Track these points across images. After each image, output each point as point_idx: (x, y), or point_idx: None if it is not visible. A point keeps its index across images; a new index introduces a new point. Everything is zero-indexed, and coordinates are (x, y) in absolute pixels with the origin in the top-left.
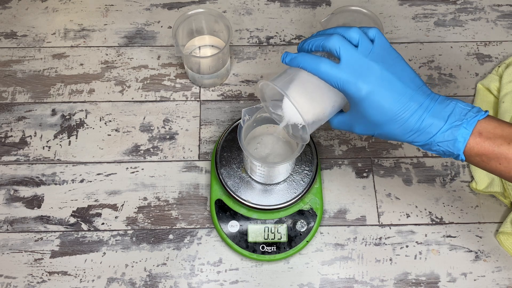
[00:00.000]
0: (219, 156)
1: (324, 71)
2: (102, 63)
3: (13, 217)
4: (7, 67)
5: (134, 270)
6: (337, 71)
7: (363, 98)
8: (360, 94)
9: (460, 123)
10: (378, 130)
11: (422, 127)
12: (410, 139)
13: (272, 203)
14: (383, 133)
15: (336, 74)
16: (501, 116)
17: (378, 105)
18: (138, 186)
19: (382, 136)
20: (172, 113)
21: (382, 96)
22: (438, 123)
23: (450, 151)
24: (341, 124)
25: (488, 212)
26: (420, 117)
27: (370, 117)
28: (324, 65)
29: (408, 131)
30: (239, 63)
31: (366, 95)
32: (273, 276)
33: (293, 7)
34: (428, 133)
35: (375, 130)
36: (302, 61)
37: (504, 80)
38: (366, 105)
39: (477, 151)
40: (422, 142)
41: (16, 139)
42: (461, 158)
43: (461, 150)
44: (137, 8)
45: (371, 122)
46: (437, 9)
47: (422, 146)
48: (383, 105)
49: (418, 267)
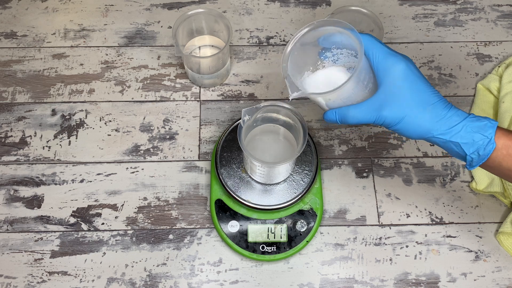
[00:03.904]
0: (219, 156)
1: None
2: (102, 63)
3: (13, 217)
4: (7, 67)
5: (134, 270)
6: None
7: (403, 69)
8: (400, 65)
9: (483, 118)
10: (409, 110)
11: (449, 114)
12: (437, 125)
13: (272, 203)
14: (413, 115)
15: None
16: (501, 116)
17: (414, 78)
18: (138, 186)
19: (409, 122)
20: (172, 113)
21: (416, 72)
22: (463, 112)
23: (482, 134)
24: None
25: (488, 212)
26: (447, 104)
27: (406, 90)
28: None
29: (437, 114)
30: (239, 63)
31: (405, 66)
32: (273, 276)
33: (293, 7)
34: (455, 119)
35: (406, 109)
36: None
37: (504, 80)
38: (405, 76)
39: (504, 141)
40: (448, 127)
41: (16, 139)
42: (492, 144)
43: (493, 134)
44: (137, 8)
45: (405, 99)
46: (437, 9)
47: (448, 133)
48: (418, 81)
49: (418, 267)
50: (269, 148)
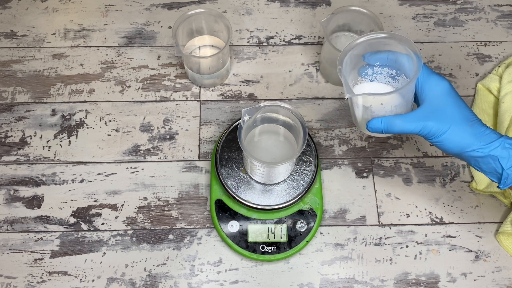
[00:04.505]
0: (219, 156)
1: None
2: (102, 63)
3: (13, 217)
4: (7, 67)
5: (134, 270)
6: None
7: (445, 86)
8: (444, 82)
9: None
10: (453, 122)
11: (488, 132)
12: (477, 140)
13: (272, 203)
14: (456, 128)
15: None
16: (501, 116)
17: (455, 96)
18: (138, 186)
19: (453, 133)
20: (172, 113)
21: (455, 91)
22: (498, 132)
23: None
24: (414, 117)
25: (488, 212)
26: (482, 123)
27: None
28: None
29: (475, 132)
30: (239, 63)
31: (448, 84)
32: (273, 276)
33: (293, 7)
34: (493, 136)
35: (450, 121)
36: None
37: (504, 80)
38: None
39: None
40: (487, 142)
41: (16, 139)
42: None
43: None
44: (137, 8)
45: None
46: (437, 9)
47: (487, 146)
48: (458, 98)
49: (418, 267)
50: (269, 148)
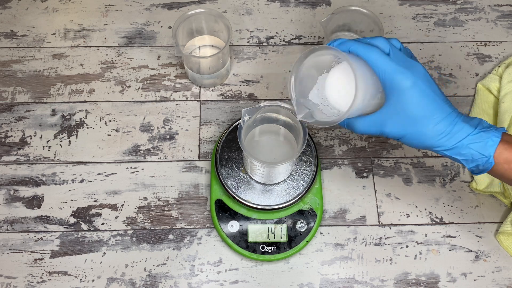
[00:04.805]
0: (219, 156)
1: (376, 56)
2: (102, 63)
3: (13, 217)
4: (7, 67)
5: (134, 270)
6: (388, 59)
7: (408, 88)
8: (406, 83)
9: (489, 129)
10: (411, 128)
11: (454, 130)
12: (439, 143)
13: (272, 203)
14: (415, 133)
15: (386, 61)
16: (501, 116)
17: (419, 98)
18: (138, 186)
19: (412, 138)
20: (172, 113)
21: (424, 90)
22: (469, 128)
23: (481, 153)
24: (371, 123)
25: (488, 212)
26: (452, 121)
27: (409, 110)
28: (375, 51)
29: (440, 132)
30: (239, 63)
31: (411, 85)
32: (273, 276)
33: (293, 7)
34: (459, 136)
35: (408, 128)
36: (353, 45)
37: (504, 80)
38: (409, 95)
39: (506, 157)
40: (450, 145)
41: (16, 139)
42: (491, 162)
43: (492, 153)
44: (137, 8)
45: (408, 117)
46: (437, 9)
47: (449, 150)
48: (423, 100)
49: (418, 267)
50: (269, 148)
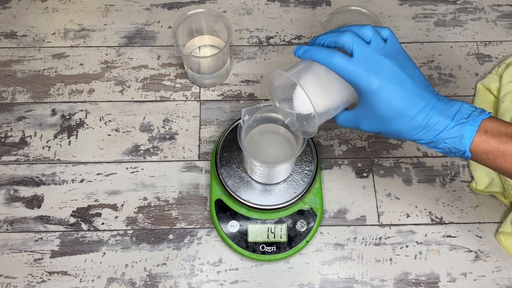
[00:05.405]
0: (219, 156)
1: (338, 63)
2: (102, 63)
3: (13, 217)
4: (7, 67)
5: (134, 270)
6: (350, 64)
7: (374, 92)
8: (371, 87)
9: (466, 120)
10: (385, 127)
11: (429, 124)
12: (416, 137)
13: (272, 203)
14: (390, 130)
15: (349, 67)
16: (501, 116)
17: (388, 99)
18: (138, 186)
19: (388, 134)
20: (172, 113)
21: (392, 91)
22: (445, 120)
23: (456, 147)
24: (348, 120)
25: (488, 212)
26: (427, 115)
27: (379, 112)
28: (337, 57)
29: (415, 128)
30: (239, 63)
31: (377, 89)
32: (273, 276)
33: (293, 7)
34: (435, 130)
35: (382, 126)
36: (315, 54)
37: (504, 80)
38: (376, 99)
39: (483, 148)
40: (428, 140)
41: (16, 139)
42: (467, 155)
43: (467, 147)
44: (137, 8)
45: (379, 117)
46: (437, 9)
47: (427, 143)
48: (393, 100)
49: (418, 267)
50: (269, 148)
